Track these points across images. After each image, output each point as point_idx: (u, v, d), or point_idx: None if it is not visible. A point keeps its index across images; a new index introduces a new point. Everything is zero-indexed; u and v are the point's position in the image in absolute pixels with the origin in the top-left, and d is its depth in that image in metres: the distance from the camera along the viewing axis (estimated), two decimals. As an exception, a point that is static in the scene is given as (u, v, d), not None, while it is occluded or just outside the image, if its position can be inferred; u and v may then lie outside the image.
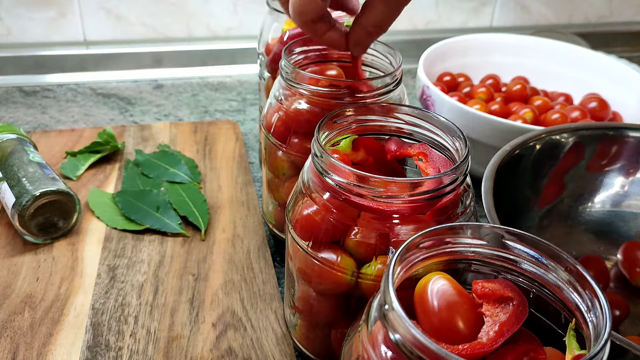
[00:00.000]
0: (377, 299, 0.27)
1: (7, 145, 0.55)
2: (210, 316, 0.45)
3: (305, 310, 0.39)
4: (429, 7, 0.93)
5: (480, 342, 0.26)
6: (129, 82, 0.83)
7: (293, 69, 0.43)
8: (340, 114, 0.37)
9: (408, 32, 0.94)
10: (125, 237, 0.52)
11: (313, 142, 0.34)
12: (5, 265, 0.49)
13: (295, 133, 0.44)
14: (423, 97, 0.64)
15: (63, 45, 0.85)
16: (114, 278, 0.48)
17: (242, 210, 0.57)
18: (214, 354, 0.42)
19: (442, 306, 0.27)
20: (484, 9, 0.96)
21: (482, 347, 0.25)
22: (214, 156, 0.65)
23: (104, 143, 0.62)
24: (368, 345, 0.26)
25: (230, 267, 0.50)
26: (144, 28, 0.86)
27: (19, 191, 0.50)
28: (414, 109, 0.38)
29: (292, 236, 0.37)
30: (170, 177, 0.59)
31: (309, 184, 0.36)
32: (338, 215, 0.34)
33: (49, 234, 0.51)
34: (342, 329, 0.37)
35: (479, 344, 0.26)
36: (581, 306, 0.25)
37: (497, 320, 0.26)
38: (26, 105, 0.76)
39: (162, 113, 0.76)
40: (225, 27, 0.88)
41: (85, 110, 0.76)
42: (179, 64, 0.87)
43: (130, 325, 0.44)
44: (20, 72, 0.83)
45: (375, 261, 0.34)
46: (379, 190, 0.32)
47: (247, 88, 0.84)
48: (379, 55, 0.47)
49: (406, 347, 0.23)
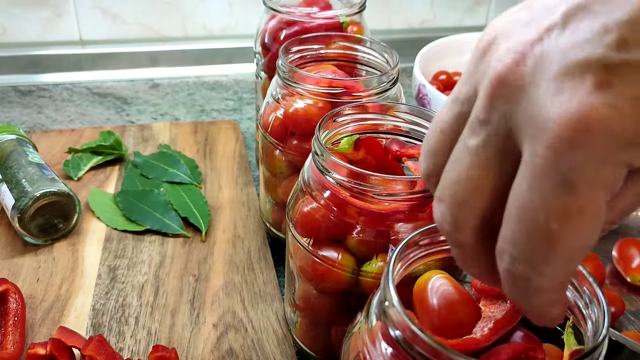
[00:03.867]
0: (377, 296, 0.27)
1: (7, 146, 0.55)
2: (211, 317, 0.45)
3: (305, 308, 0.39)
4: (424, 6, 0.93)
5: (474, 338, 0.26)
6: (125, 82, 0.83)
7: (290, 68, 0.43)
8: (341, 113, 0.38)
9: (404, 31, 0.95)
10: (125, 238, 0.53)
11: (313, 140, 0.34)
12: (5, 266, 0.49)
13: (293, 132, 0.44)
14: (419, 95, 0.64)
15: (59, 44, 0.85)
16: (115, 279, 0.48)
17: (243, 210, 0.57)
18: (215, 355, 0.42)
19: (441, 303, 0.27)
20: (479, 7, 0.96)
21: (476, 342, 0.26)
22: (215, 156, 0.65)
23: (109, 147, 0.62)
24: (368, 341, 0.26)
25: (230, 268, 0.50)
26: (139, 27, 0.86)
27: (18, 192, 0.50)
28: (412, 107, 0.38)
29: (292, 234, 0.37)
30: (169, 177, 0.59)
31: (309, 182, 0.36)
32: (338, 214, 0.34)
33: (49, 235, 0.51)
34: (343, 326, 0.38)
35: (472, 340, 0.26)
36: (579, 303, 0.26)
37: (492, 317, 0.27)
38: (22, 105, 0.76)
39: (159, 112, 0.76)
40: (221, 26, 0.88)
41: (81, 109, 0.76)
42: (175, 63, 0.87)
43: (131, 326, 0.44)
44: (16, 71, 0.83)
45: (375, 259, 0.34)
46: (379, 188, 0.32)
47: (244, 87, 0.84)
48: (376, 55, 0.48)
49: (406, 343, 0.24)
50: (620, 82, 0.16)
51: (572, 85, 0.16)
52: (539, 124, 0.17)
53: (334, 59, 0.49)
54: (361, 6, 0.55)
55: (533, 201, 0.17)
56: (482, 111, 0.19)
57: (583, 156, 0.16)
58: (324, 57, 0.49)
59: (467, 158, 0.19)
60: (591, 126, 0.16)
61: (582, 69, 0.16)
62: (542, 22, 0.18)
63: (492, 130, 0.18)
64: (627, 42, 0.16)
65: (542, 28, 0.18)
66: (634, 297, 0.47)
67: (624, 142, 0.16)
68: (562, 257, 0.18)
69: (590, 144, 0.16)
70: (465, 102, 0.20)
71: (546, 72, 0.17)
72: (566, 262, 0.18)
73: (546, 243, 0.17)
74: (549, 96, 0.16)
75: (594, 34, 0.16)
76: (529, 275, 0.18)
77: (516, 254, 0.18)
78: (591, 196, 0.17)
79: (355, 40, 0.49)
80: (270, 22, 0.55)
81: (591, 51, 0.16)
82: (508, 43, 0.18)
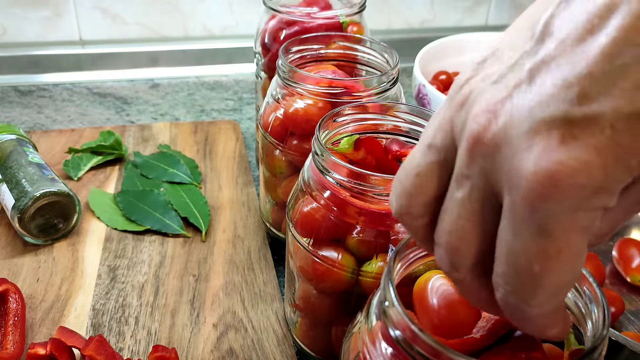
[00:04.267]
0: (377, 296, 0.27)
1: (7, 146, 0.55)
2: (211, 317, 0.45)
3: (305, 308, 0.39)
4: (424, 6, 0.93)
5: (474, 338, 0.26)
6: (125, 82, 0.83)
7: (290, 68, 0.43)
8: (340, 113, 0.38)
9: (404, 31, 0.95)
10: (125, 238, 0.53)
11: (313, 140, 0.34)
12: (5, 266, 0.49)
13: (293, 132, 0.44)
14: (419, 95, 0.64)
15: (59, 44, 0.85)
16: (115, 279, 0.48)
17: (243, 210, 0.57)
18: (215, 355, 0.42)
19: (441, 303, 0.27)
20: (479, 7, 0.96)
21: (476, 342, 0.26)
22: (215, 156, 0.65)
23: (109, 147, 0.62)
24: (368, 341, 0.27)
25: (230, 268, 0.50)
26: (139, 27, 0.86)
27: (18, 192, 0.50)
28: (412, 107, 0.38)
29: (292, 234, 0.37)
30: (169, 177, 0.59)
31: (309, 182, 0.36)
32: (338, 214, 0.34)
33: (49, 235, 0.51)
34: (343, 326, 0.38)
35: (472, 340, 0.26)
36: (579, 303, 0.26)
37: (492, 317, 0.27)
38: (22, 105, 0.76)
39: (159, 112, 0.76)
40: (221, 26, 0.88)
41: (81, 109, 0.76)
42: (175, 63, 0.87)
43: (131, 326, 0.44)
44: (15, 71, 0.83)
45: (375, 259, 0.34)
46: (379, 188, 0.32)
47: (244, 87, 0.84)
48: (376, 55, 0.48)
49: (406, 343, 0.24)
50: (583, 135, 0.17)
51: (539, 141, 0.17)
52: (513, 179, 0.18)
53: (334, 59, 0.49)
54: (361, 6, 0.55)
55: (516, 246, 0.19)
56: (464, 167, 0.20)
57: (555, 207, 0.17)
58: (324, 57, 0.49)
59: (455, 209, 0.21)
60: (559, 181, 0.17)
61: (547, 125, 0.17)
62: (511, 80, 0.19)
63: (474, 184, 0.20)
64: (588, 96, 0.17)
65: (511, 85, 0.19)
66: (634, 297, 0.47)
67: (592, 190, 0.17)
68: (547, 292, 0.19)
69: (560, 196, 0.17)
70: (442, 151, 0.21)
71: (516, 129, 0.18)
72: (553, 295, 0.20)
73: (531, 282, 0.19)
74: (520, 153, 0.18)
75: (557, 89, 0.17)
76: (521, 306, 0.20)
77: (508, 288, 0.20)
78: (567, 239, 0.18)
79: (355, 40, 0.49)
80: (270, 22, 0.55)
81: (555, 108, 0.17)
82: (481, 102, 0.19)
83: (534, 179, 0.17)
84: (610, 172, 0.17)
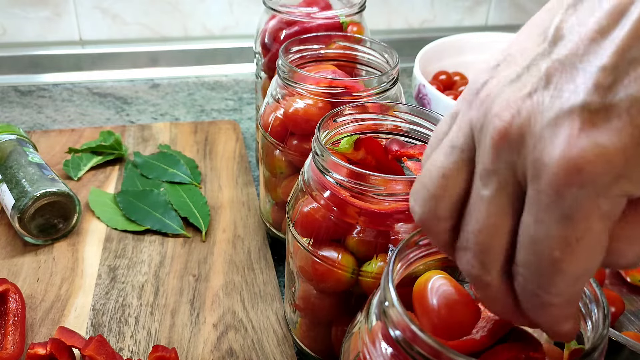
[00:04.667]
0: (377, 296, 0.27)
1: (7, 146, 0.55)
2: (211, 317, 0.45)
3: (305, 308, 0.39)
4: (424, 6, 0.93)
5: (474, 338, 0.26)
6: (125, 82, 0.83)
7: (290, 68, 0.43)
8: (340, 113, 0.38)
9: (404, 31, 0.95)
10: (125, 238, 0.53)
11: (313, 140, 0.34)
12: (5, 266, 0.49)
13: (293, 132, 0.44)
14: (419, 95, 0.64)
15: (59, 44, 0.85)
16: (115, 279, 0.48)
17: (243, 210, 0.57)
18: (215, 355, 0.42)
19: (441, 303, 0.27)
20: (479, 7, 0.96)
21: (475, 343, 0.26)
22: (215, 156, 0.65)
23: (109, 147, 0.62)
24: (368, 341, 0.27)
25: (230, 268, 0.50)
26: (139, 27, 0.86)
27: (18, 192, 0.50)
28: (412, 107, 0.38)
29: (292, 234, 0.37)
30: (169, 177, 0.59)
31: (309, 182, 0.36)
32: (338, 214, 0.34)
33: (49, 235, 0.51)
34: (343, 326, 0.38)
35: (472, 340, 0.26)
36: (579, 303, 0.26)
37: (492, 317, 0.27)
38: (22, 105, 0.76)
39: (159, 112, 0.76)
40: (221, 26, 0.88)
41: (81, 109, 0.76)
42: (175, 63, 0.87)
43: (131, 326, 0.44)
44: (15, 71, 0.83)
45: (375, 259, 0.34)
46: (379, 188, 0.32)
47: (244, 87, 0.84)
48: (376, 55, 0.48)
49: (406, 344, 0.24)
50: (602, 122, 0.18)
51: (562, 130, 0.18)
52: (538, 167, 0.19)
53: (334, 59, 0.49)
54: (361, 6, 0.55)
55: (538, 232, 0.20)
56: (489, 163, 0.21)
57: (578, 193, 0.18)
58: (324, 57, 0.49)
59: (484, 207, 0.21)
60: (582, 167, 0.18)
61: (568, 115, 0.18)
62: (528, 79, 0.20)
63: (501, 179, 0.21)
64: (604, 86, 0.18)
65: (529, 83, 0.20)
66: (634, 297, 0.47)
67: (613, 177, 0.18)
68: (566, 279, 0.20)
69: (583, 182, 0.18)
70: (465, 150, 0.22)
71: (539, 121, 0.19)
72: (571, 284, 0.20)
73: (551, 268, 0.20)
74: (544, 142, 0.19)
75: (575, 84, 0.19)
76: (538, 293, 0.21)
77: (527, 275, 0.21)
78: (588, 227, 0.19)
79: (355, 40, 0.49)
80: (270, 22, 0.55)
81: (574, 99, 0.18)
82: (501, 101, 0.20)
83: (557, 164, 0.18)
84: (630, 157, 0.18)
